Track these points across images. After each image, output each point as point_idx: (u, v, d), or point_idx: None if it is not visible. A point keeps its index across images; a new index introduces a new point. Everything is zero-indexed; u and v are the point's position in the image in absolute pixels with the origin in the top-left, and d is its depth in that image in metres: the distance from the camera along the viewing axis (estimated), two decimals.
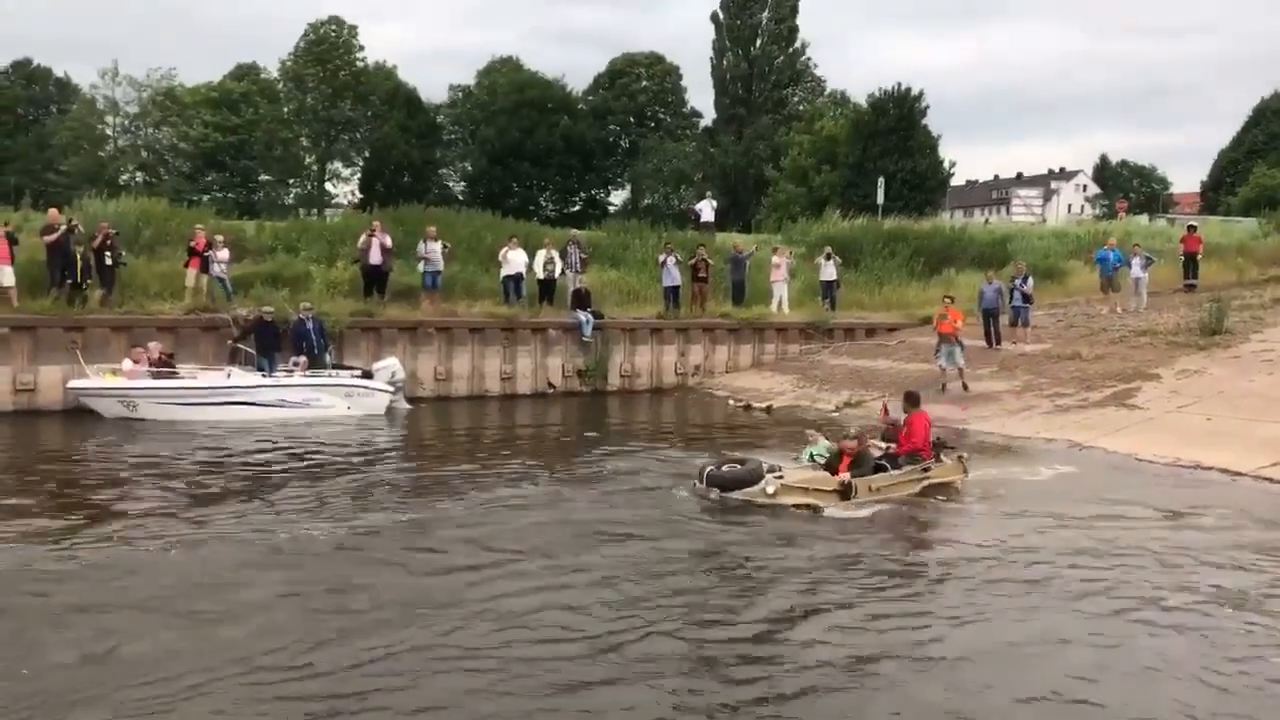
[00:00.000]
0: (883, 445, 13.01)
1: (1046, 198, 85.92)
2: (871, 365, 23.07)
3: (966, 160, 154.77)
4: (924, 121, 49.24)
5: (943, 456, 12.94)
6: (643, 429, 19.51)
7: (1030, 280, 22.97)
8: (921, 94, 48.91)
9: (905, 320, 26.49)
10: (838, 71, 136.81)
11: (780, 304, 26.02)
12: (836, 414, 20.04)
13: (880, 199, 38.29)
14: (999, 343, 22.16)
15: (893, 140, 47.09)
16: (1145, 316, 23.15)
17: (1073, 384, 18.90)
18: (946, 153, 51.21)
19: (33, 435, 16.67)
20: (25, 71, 63.71)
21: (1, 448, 15.64)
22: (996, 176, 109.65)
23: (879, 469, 12.38)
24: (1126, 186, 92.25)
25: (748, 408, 21.24)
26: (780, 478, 11.72)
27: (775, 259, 26.46)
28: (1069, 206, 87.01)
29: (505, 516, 11.38)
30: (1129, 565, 9.62)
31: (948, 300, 20.37)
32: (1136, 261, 24.37)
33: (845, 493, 11.72)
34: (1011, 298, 22.60)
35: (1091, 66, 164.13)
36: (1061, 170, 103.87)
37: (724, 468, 12.14)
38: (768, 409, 21.03)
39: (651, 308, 25.03)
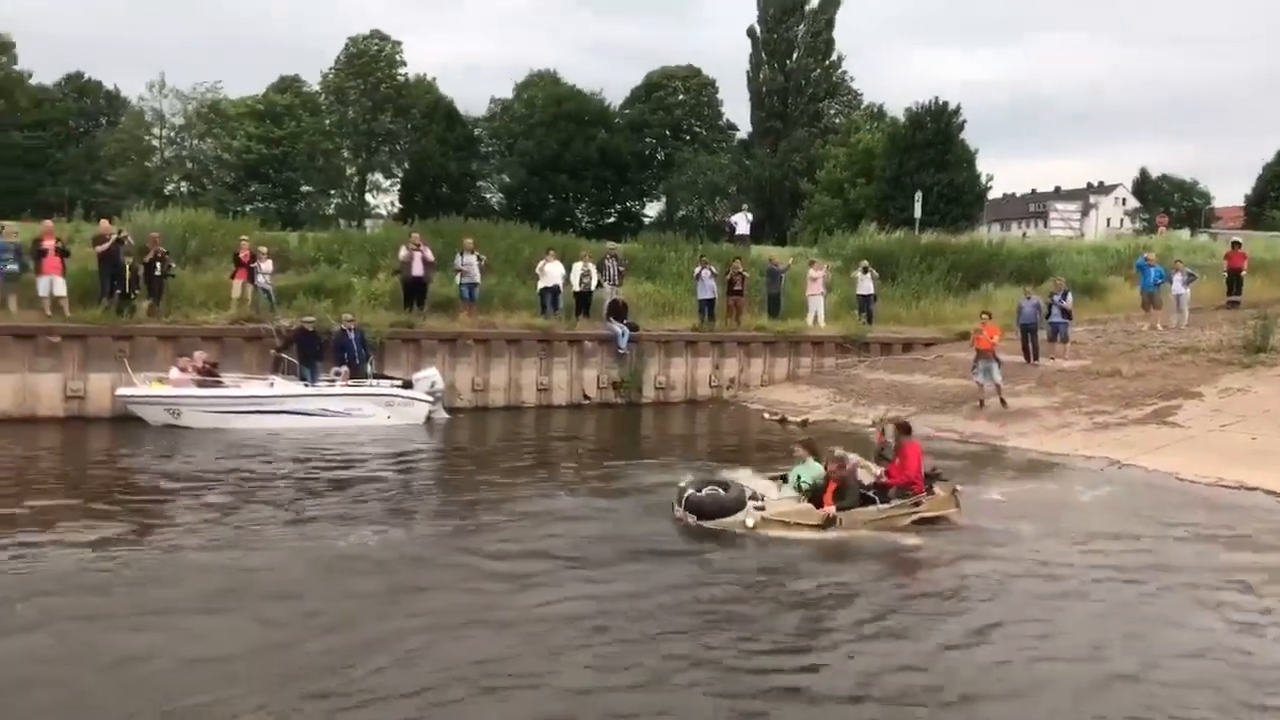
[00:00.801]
0: (875, 470, 12.53)
1: (1085, 212, 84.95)
2: (908, 380, 23.00)
3: (1003, 173, 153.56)
4: (961, 135, 49.06)
5: (935, 488, 12.37)
6: (677, 442, 19.60)
7: (1069, 296, 22.82)
8: (959, 108, 48.81)
9: (942, 335, 26.37)
10: (874, 85, 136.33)
11: (816, 317, 26.01)
12: (873, 429, 19.95)
13: (918, 213, 38.17)
14: (1037, 359, 22.03)
15: (929, 154, 46.95)
16: (1187, 333, 22.91)
17: (1112, 401, 18.75)
18: (983, 166, 51.07)
19: (82, 441, 17.06)
20: (77, 85, 65.10)
21: (53, 453, 16.05)
22: (1034, 190, 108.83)
23: (866, 500, 11.90)
24: (1167, 200, 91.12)
25: (783, 421, 21.24)
26: (761, 508, 11.34)
27: (812, 272, 26.46)
28: (1108, 221, 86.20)
29: (535, 528, 11.54)
30: (1172, 586, 9.58)
31: (985, 316, 20.28)
32: (1178, 278, 24.13)
33: (829, 526, 11.35)
34: (1050, 313, 22.46)
35: (1131, 79, 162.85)
36: (1100, 184, 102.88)
37: (705, 490, 11.68)
38: (803, 423, 21.02)
39: (686, 320, 25.11)
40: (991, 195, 58.78)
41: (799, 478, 11.99)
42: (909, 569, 10.55)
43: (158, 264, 19.95)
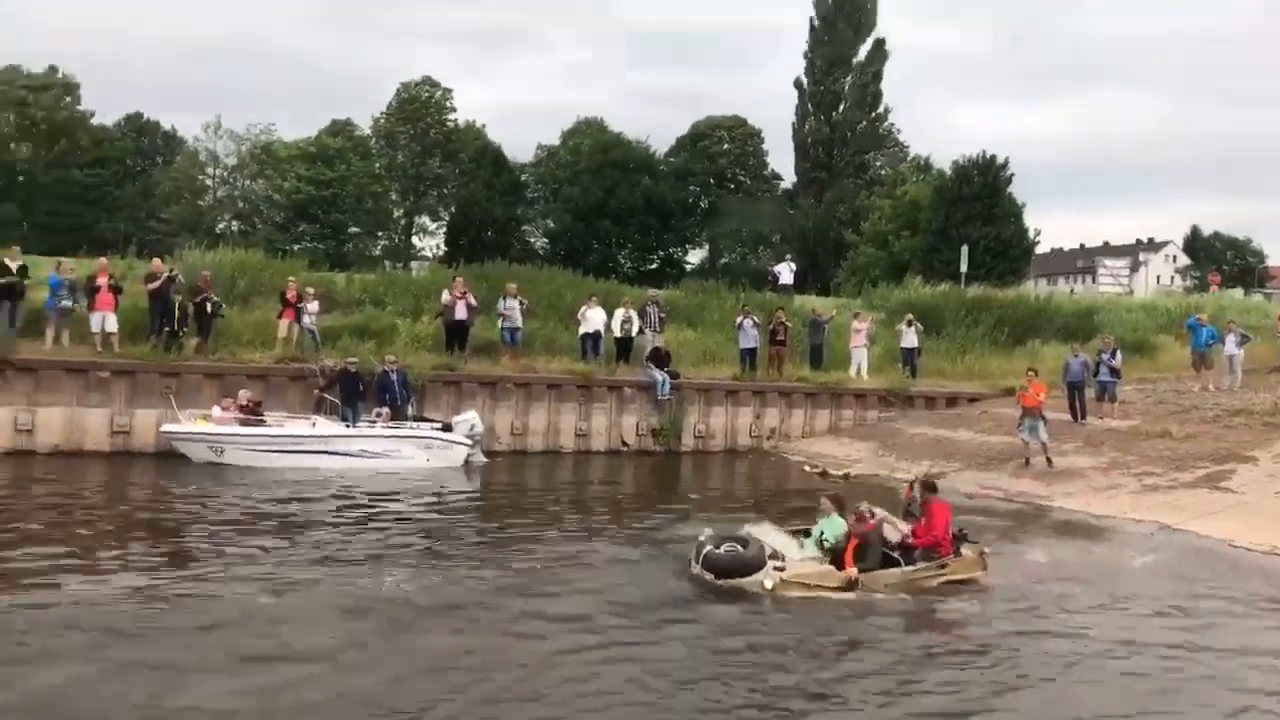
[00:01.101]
0: (903, 527, 12.15)
1: (1134, 268, 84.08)
2: (952, 435, 22.68)
3: (1051, 228, 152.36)
4: (1009, 189, 48.78)
5: (963, 550, 12.02)
6: (715, 492, 19.42)
7: (1118, 354, 22.45)
8: (1006, 161, 48.57)
9: (988, 390, 26.02)
10: (921, 137, 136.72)
11: (859, 370, 25.80)
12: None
13: (964, 266, 37.90)
14: (1084, 417, 21.64)
15: (976, 207, 46.68)
16: (1240, 395, 22.42)
17: (1162, 463, 18.32)
18: (1031, 220, 50.68)
19: (126, 476, 17.24)
20: (136, 125, 66.86)
21: (97, 487, 16.22)
22: (1082, 245, 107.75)
23: (890, 561, 11.57)
24: (1219, 258, 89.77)
25: (824, 474, 20.99)
26: (781, 568, 11.00)
27: (856, 324, 26.27)
28: (1158, 278, 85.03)
29: (568, 577, 11.43)
30: (1217, 661, 9.24)
31: (1031, 373, 20.00)
32: (1231, 338, 23.67)
33: (851, 589, 11.03)
34: (1098, 371, 22.10)
35: (1182, 135, 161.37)
36: (1150, 240, 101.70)
37: (723, 548, 11.33)
38: (845, 476, 20.75)
39: (727, 369, 25.00)
40: (1039, 250, 58.22)
41: (822, 533, 11.68)
42: (933, 630, 10.28)
43: (208, 304, 20.26)
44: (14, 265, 19.19)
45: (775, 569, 10.94)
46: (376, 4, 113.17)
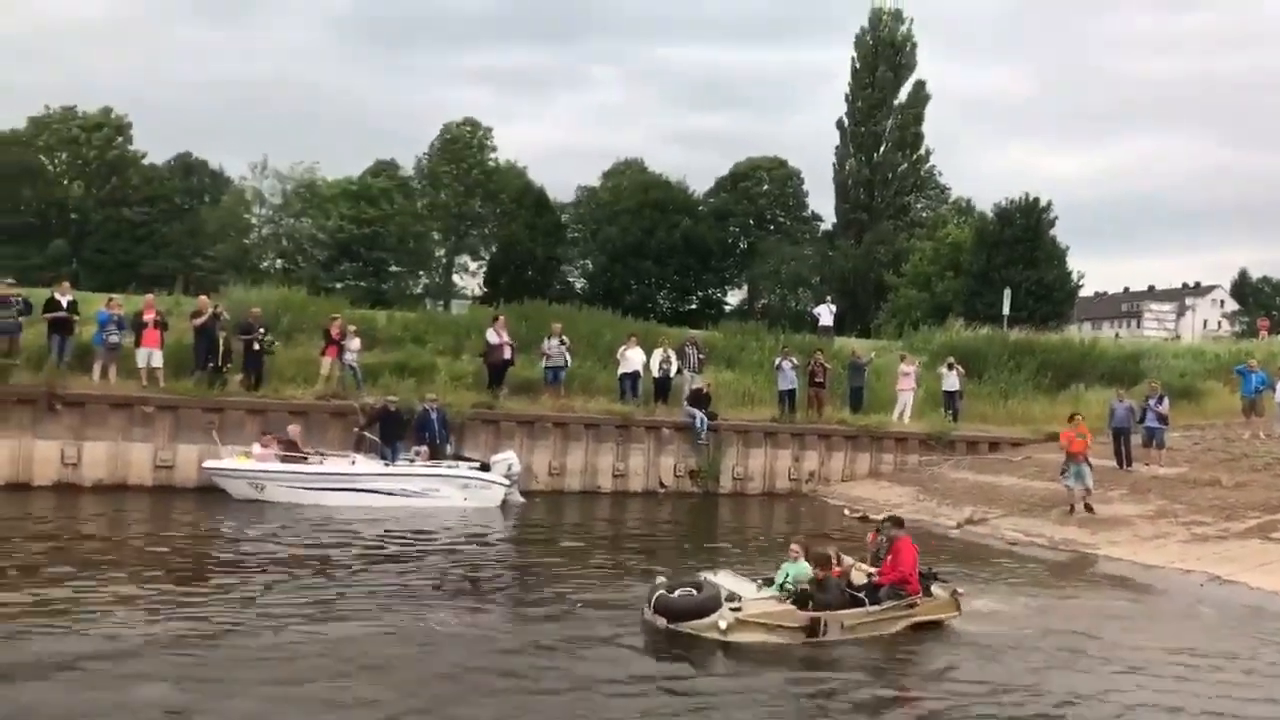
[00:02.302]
0: (870, 571, 11.69)
1: (1180, 313, 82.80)
2: (994, 481, 22.33)
3: (1096, 272, 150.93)
4: (1051, 231, 48.42)
5: (933, 590, 11.55)
6: (754, 535, 19.21)
7: (1165, 400, 22.05)
8: (1049, 204, 48.26)
9: (1031, 435, 25.64)
10: (963, 179, 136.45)
11: (904, 413, 25.54)
12: (957, 531, 19.41)
13: (1006, 309, 37.55)
14: (1130, 464, 21.24)
15: (1018, 250, 46.34)
16: None
17: (1211, 512, 17.88)
18: (1075, 263, 50.06)
19: (167, 511, 17.38)
20: (185, 164, 68.30)
21: (139, 521, 16.35)
22: (1126, 289, 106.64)
23: (855, 601, 11.05)
24: (1268, 304, 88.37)
25: (864, 519, 20.59)
26: (737, 609, 10.43)
27: (904, 367, 26.00)
28: (1204, 323, 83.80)
29: (601, 620, 11.30)
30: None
31: (1076, 418, 19.70)
32: None
33: (813, 631, 10.54)
34: (1144, 417, 21.72)
35: (1229, 179, 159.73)
36: (1197, 285, 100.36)
37: (677, 592, 10.78)
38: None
39: (766, 410, 24.85)
40: (1083, 293, 57.63)
41: (787, 575, 11.20)
42: (912, 681, 10.01)
43: (257, 341, 20.50)
44: (64, 300, 19.58)
45: (732, 609, 10.40)
46: (421, 46, 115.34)
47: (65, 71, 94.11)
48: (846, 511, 21.31)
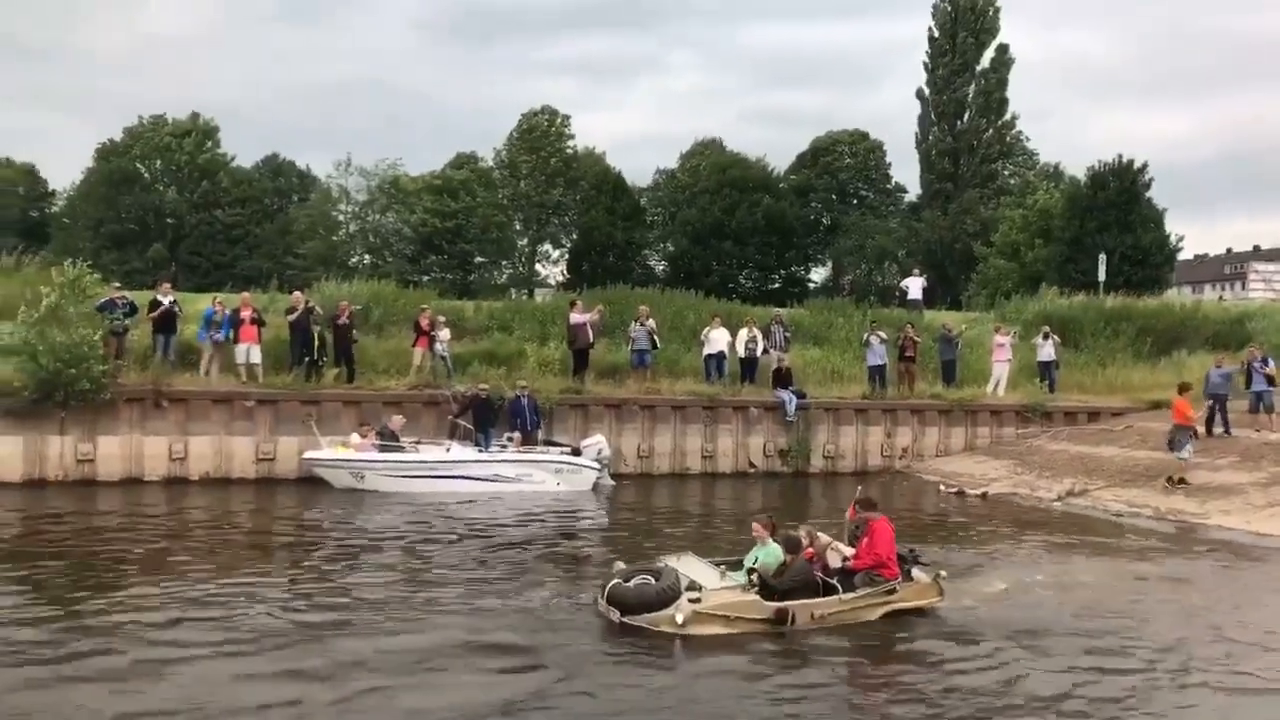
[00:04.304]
0: (847, 552, 10.88)
1: None
2: (1095, 452, 21.72)
3: (1195, 234, 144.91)
4: (1148, 194, 46.70)
5: (914, 574, 10.82)
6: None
7: (1270, 362, 21.19)
8: (1145, 166, 46.53)
9: (1132, 404, 24.89)
10: (1051, 144, 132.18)
11: (999, 385, 24.99)
12: (1059, 504, 18.95)
13: (1101, 275, 36.40)
14: (1227, 431, 20.55)
15: (1112, 214, 44.79)
16: None
17: None
18: (1173, 226, 48.22)
19: (271, 501, 17.90)
20: (273, 165, 69.94)
21: (245, 512, 16.87)
22: (1229, 250, 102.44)
23: (829, 588, 10.23)
24: None
25: (960, 494, 20.38)
26: (697, 600, 9.64)
27: (998, 338, 25.40)
28: None
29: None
30: None
31: (1183, 388, 19.12)
32: None
33: (780, 622, 9.76)
34: (1250, 381, 20.91)
35: None
36: None
37: (633, 581, 10.02)
38: (982, 495, 20.12)
39: (856, 388, 24.53)
40: (1182, 256, 55.48)
41: (756, 559, 10.49)
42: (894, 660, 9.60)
43: (352, 328, 20.91)
44: (166, 300, 20.25)
45: (691, 600, 9.63)
46: (501, 41, 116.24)
47: (154, 82, 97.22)
48: (942, 487, 21.13)
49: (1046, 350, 25.45)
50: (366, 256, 60.52)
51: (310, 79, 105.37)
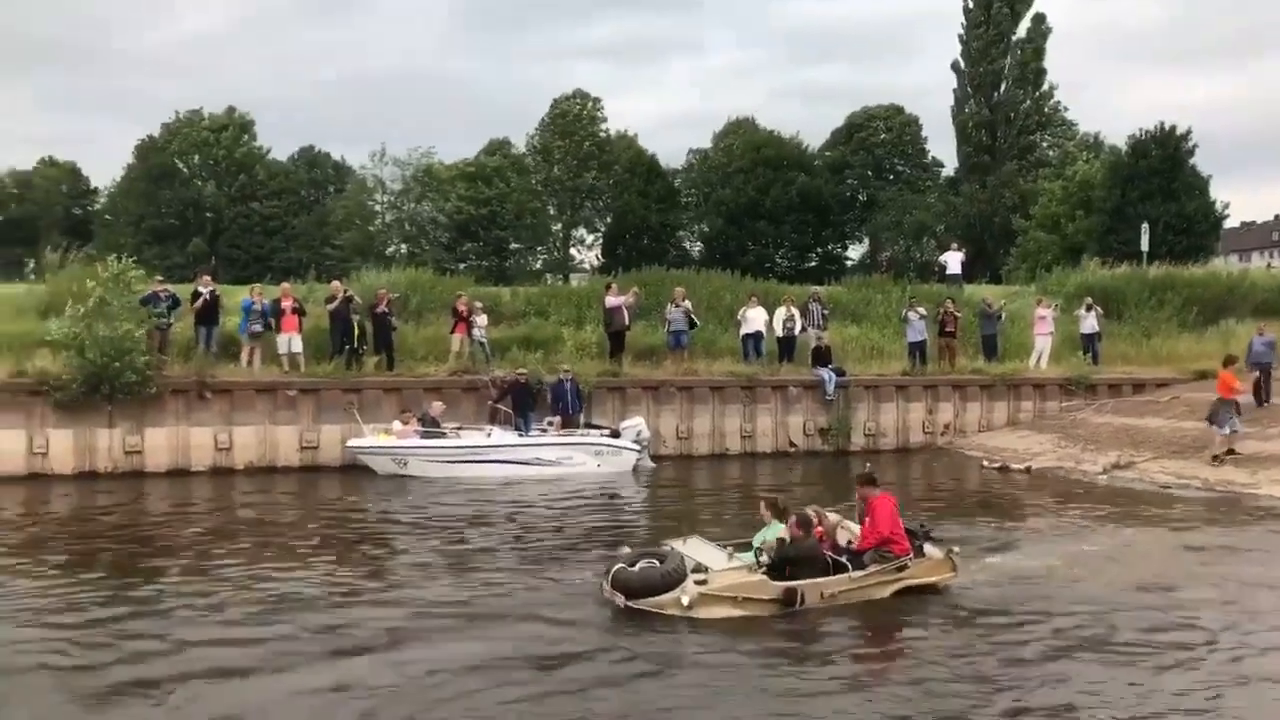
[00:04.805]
0: (856, 530, 10.74)
1: None
2: (1141, 424, 21.42)
3: (1241, 201, 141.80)
4: (1191, 161, 45.85)
5: (926, 550, 10.54)
6: (889, 490, 18.83)
7: None
8: (1188, 132, 45.67)
9: (1178, 375, 24.51)
10: (1090, 114, 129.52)
11: (1040, 359, 24.69)
12: (1104, 477, 18.73)
13: (1144, 245, 35.81)
14: (1268, 399, 20.22)
15: (1155, 183, 44.06)
16: None
17: None
18: (1218, 193, 47.21)
19: (316, 489, 18.13)
20: (309, 157, 70.50)
21: (289, 500, 17.07)
22: (1277, 217, 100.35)
23: (838, 567, 10.00)
24: None
25: (1004, 469, 20.19)
26: (703, 582, 9.48)
27: (1040, 311, 25.07)
28: None
29: None
30: None
31: (1228, 360, 18.83)
32: None
33: (789, 602, 9.54)
34: None
35: None
36: None
37: (638, 564, 9.85)
38: (1026, 470, 19.93)
39: (896, 364, 24.35)
40: (1228, 224, 54.45)
41: (765, 541, 10.32)
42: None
43: (390, 316, 21.07)
44: (206, 292, 20.49)
45: (697, 582, 9.46)
46: (534, 27, 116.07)
47: (190, 80, 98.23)
48: (985, 463, 20.95)
49: (1089, 322, 25.12)
50: (403, 246, 60.85)
51: (343, 71, 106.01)
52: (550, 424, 19.79)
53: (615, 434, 19.88)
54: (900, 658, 8.99)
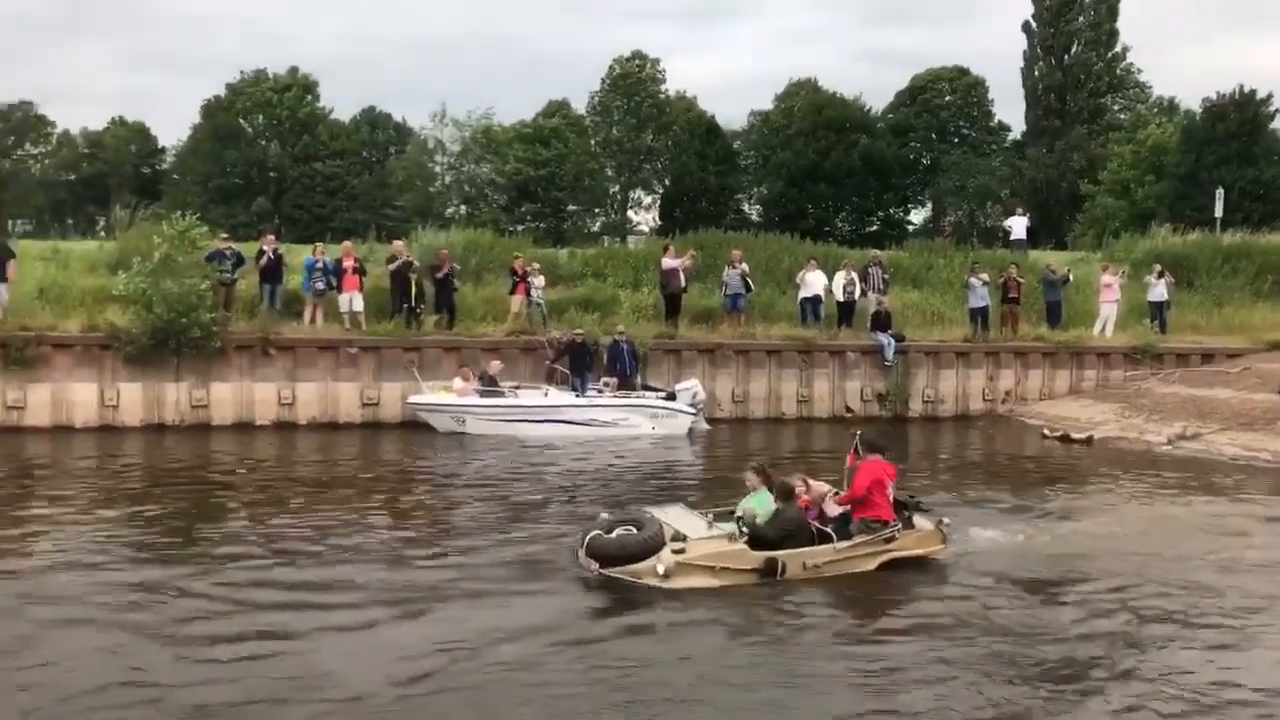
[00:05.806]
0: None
1: None
2: (1209, 394, 20.93)
3: None
4: (1271, 126, 44.36)
5: (915, 521, 10.29)
6: (946, 461, 18.70)
7: None
8: (1269, 96, 44.15)
9: (1250, 345, 23.87)
10: (1165, 77, 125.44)
11: (1106, 327, 24.19)
12: (1168, 447, 18.36)
13: (1219, 212, 34.79)
14: None
15: (1232, 147, 42.72)
16: None
17: None
18: None
19: (377, 445, 18.46)
20: (370, 118, 71.00)
21: (350, 455, 17.40)
22: None
23: (824, 537, 9.82)
24: None
25: (1065, 439, 19.87)
26: (681, 550, 9.27)
27: (1106, 278, 24.50)
28: None
29: None
30: None
31: None
32: None
33: (770, 573, 9.36)
34: None
35: None
36: None
37: (614, 532, 9.65)
38: (1088, 440, 19.60)
39: (957, 330, 24.01)
40: None
41: (745, 509, 10.04)
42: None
43: (453, 279, 21.26)
44: (270, 250, 20.82)
45: (674, 551, 9.26)
46: None
47: (255, 40, 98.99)
48: (1045, 431, 20.65)
49: (1158, 290, 24.52)
50: (462, 207, 61.20)
51: (405, 31, 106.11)
52: (607, 385, 19.87)
53: (671, 396, 19.90)
54: (921, 630, 8.86)
